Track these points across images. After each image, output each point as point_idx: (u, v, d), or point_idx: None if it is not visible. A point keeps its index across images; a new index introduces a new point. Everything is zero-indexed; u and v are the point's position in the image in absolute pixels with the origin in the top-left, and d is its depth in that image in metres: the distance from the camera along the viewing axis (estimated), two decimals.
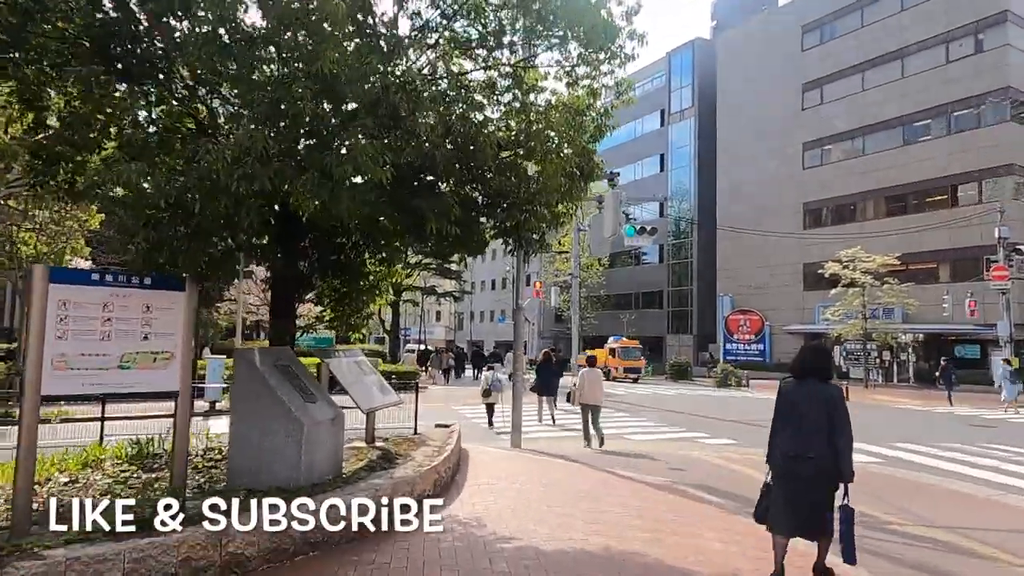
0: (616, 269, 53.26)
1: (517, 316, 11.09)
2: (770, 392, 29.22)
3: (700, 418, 16.92)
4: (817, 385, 4.55)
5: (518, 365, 11.07)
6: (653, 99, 54.29)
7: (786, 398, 4.65)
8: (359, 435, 8.86)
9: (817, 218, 39.61)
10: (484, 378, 15.18)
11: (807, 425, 4.43)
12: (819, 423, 4.41)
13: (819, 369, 4.64)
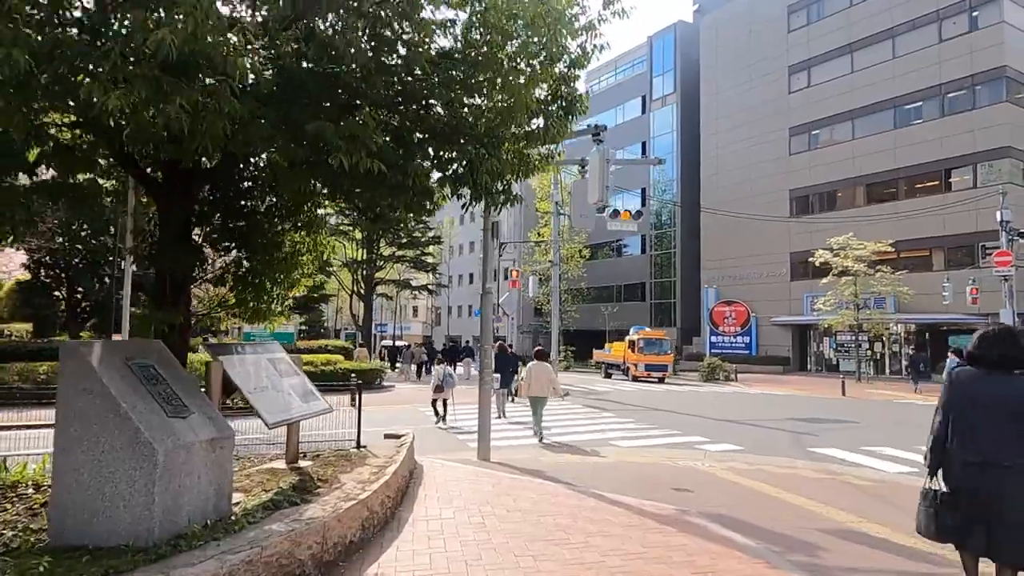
0: (597, 261, 51.61)
1: (485, 303, 9.25)
2: (761, 386, 27.96)
3: (694, 418, 15.21)
4: (1008, 377, 3.71)
5: (486, 360, 9.21)
6: (634, 85, 52.72)
7: (964, 392, 3.82)
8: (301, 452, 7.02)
9: (805, 205, 38.23)
10: (435, 373, 14.22)
11: (996, 426, 3.64)
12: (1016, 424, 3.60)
13: (1013, 359, 3.73)
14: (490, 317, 9.42)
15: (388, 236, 43.88)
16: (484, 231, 9.37)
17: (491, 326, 9.30)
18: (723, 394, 23.30)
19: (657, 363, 29.25)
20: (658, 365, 29.29)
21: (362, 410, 10.50)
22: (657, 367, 29.22)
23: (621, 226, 21.43)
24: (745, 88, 41.75)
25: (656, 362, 29.27)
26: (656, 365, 29.22)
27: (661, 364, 29.42)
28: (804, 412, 16.82)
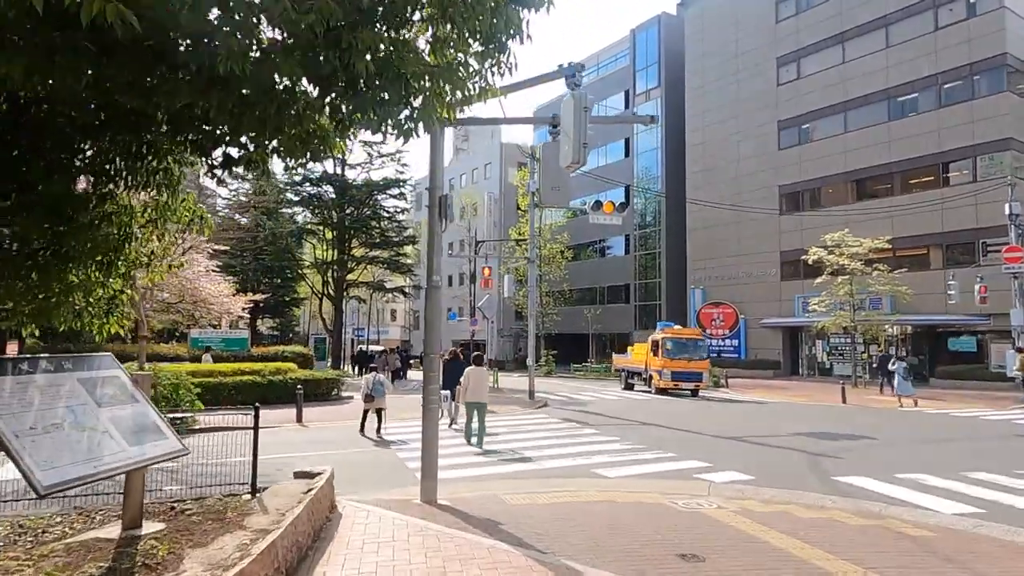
0: (580, 262, 49.79)
1: (429, 297, 7.23)
2: (753, 392, 25.91)
3: (688, 435, 13.25)
4: None
5: (431, 372, 7.17)
6: (617, 80, 50.98)
7: None
8: None
9: (795, 202, 36.61)
10: (365, 381, 13.46)
11: None
12: None
13: None
14: (437, 317, 7.37)
15: (360, 236, 41.80)
16: (430, 208, 7.34)
17: (438, 328, 7.25)
18: (715, 403, 21.40)
19: (688, 370, 23.38)
20: (690, 373, 23.37)
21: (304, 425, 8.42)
22: (688, 376, 23.37)
23: (605, 219, 19.59)
24: (732, 81, 40.14)
25: (687, 369, 23.39)
26: (687, 373, 23.33)
27: (694, 372, 23.47)
28: (811, 425, 14.93)
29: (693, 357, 23.76)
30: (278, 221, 42.15)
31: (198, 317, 33.16)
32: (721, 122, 40.60)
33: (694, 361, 23.74)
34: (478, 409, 11.38)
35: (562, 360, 43.80)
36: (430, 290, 7.32)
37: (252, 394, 17.72)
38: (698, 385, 23.57)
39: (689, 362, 23.53)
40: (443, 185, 7.41)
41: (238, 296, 33.23)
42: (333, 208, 40.89)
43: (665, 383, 23.32)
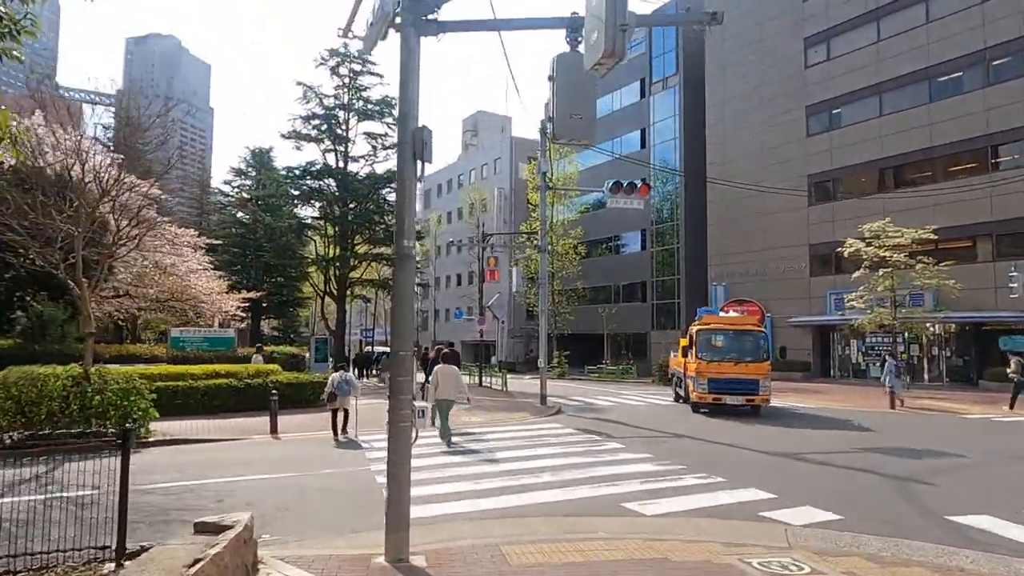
0: (594, 259, 47.58)
1: (400, 268, 5.13)
2: (787, 396, 21.50)
3: (732, 451, 11.05)
4: None
5: (401, 376, 5.05)
6: (632, 68, 48.63)
7: None
8: None
9: (825, 192, 34.18)
10: (330, 380, 12.94)
11: None
12: None
13: None
14: (409, 302, 5.24)
15: (363, 231, 39.84)
16: (400, 146, 5.23)
17: (410, 316, 5.11)
18: None
19: (736, 377, 16.30)
20: (738, 382, 16.28)
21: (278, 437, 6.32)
22: (737, 385, 16.27)
23: (626, 203, 17.39)
24: (755, 65, 37.76)
25: (735, 375, 16.33)
26: (734, 382, 16.26)
27: (744, 380, 16.32)
28: (872, 438, 12.66)
29: (744, 358, 16.61)
30: (278, 216, 40.25)
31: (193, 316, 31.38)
32: (744, 109, 38.24)
33: (745, 363, 16.54)
34: (446, 407, 11.52)
35: (575, 362, 41.58)
36: (400, 261, 5.20)
37: (227, 400, 15.73)
38: (759, 399, 16.39)
39: (737, 364, 16.42)
40: (418, 115, 5.28)
41: (231, 294, 31.45)
42: (335, 203, 38.99)
43: (701, 395, 16.46)
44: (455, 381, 11.77)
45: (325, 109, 38.22)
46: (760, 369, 16.75)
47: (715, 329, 17.69)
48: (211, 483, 8.26)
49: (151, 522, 6.43)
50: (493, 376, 29.88)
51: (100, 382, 11.68)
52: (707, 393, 16.47)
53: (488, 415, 16.57)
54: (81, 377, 11.58)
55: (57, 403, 11.27)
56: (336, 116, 38.39)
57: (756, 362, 16.79)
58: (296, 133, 38.13)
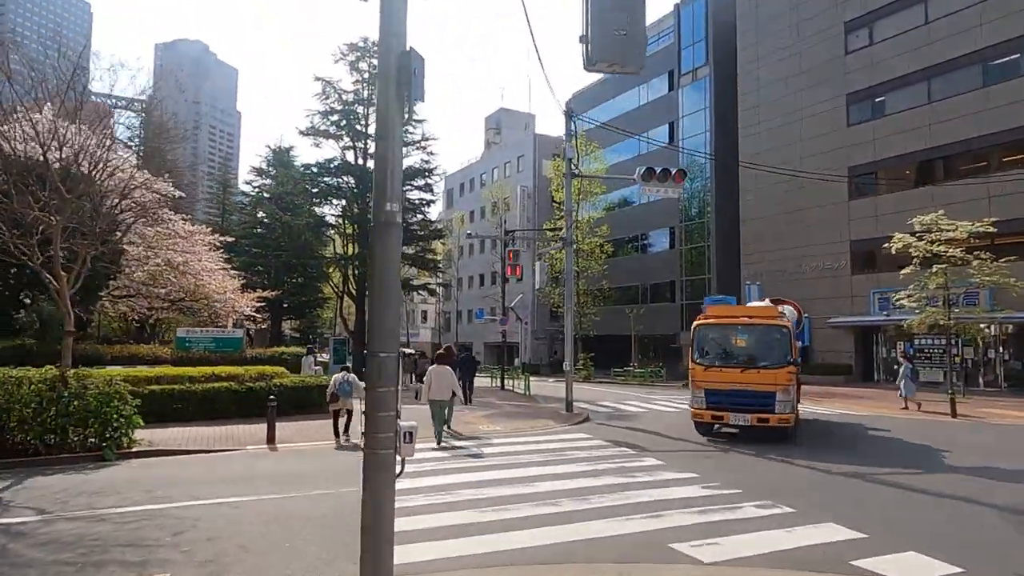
0: (620, 258, 45.97)
1: (378, 239, 3.78)
2: (832, 403, 19.28)
3: (794, 469, 9.55)
4: None
5: (379, 381, 3.70)
6: (660, 60, 46.95)
7: None
8: None
9: (868, 185, 32.18)
10: (332, 381, 12.68)
11: None
12: None
13: None
14: (391, 285, 3.88)
15: None
16: (380, 77, 3.90)
17: (395, 302, 3.76)
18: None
19: (747, 388, 12.19)
20: (750, 394, 12.13)
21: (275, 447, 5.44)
22: (748, 399, 12.11)
23: (659, 191, 15.95)
24: (791, 53, 35.87)
25: (745, 385, 12.21)
26: (745, 394, 12.15)
27: (758, 392, 12.06)
28: (953, 453, 11.01)
29: (756, 362, 12.37)
30: (296, 215, 39.42)
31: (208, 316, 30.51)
32: (779, 99, 36.37)
33: (756, 370, 12.17)
34: (441, 406, 12.05)
35: (601, 364, 40.05)
36: (381, 231, 3.87)
37: (226, 405, 14.57)
38: (767, 418, 11.86)
39: (745, 371, 12.20)
40: (405, 36, 3.93)
41: (246, 293, 30.55)
42: (354, 200, 38.01)
43: (698, 411, 12.59)
44: (449, 381, 12.31)
45: (344, 104, 37.30)
46: (777, 377, 11.86)
47: (718, 324, 13.21)
48: (177, 508, 7.02)
49: (83, 564, 5.17)
50: (516, 379, 28.49)
51: (78, 386, 10.57)
52: (704, 408, 12.41)
53: (509, 422, 15.21)
54: (57, 380, 10.48)
55: (32, 409, 10.19)
56: (355, 112, 37.44)
57: (771, 367, 12.04)
58: (314, 129, 37.26)
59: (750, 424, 11.92)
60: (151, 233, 26.51)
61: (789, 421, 11.97)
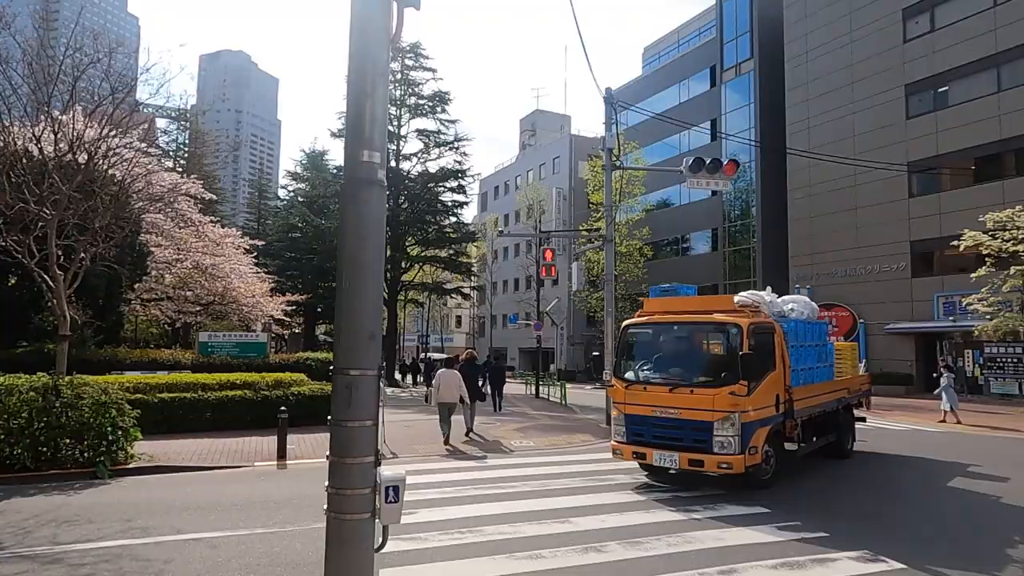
0: (659, 262, 44.26)
1: (354, 201, 2.53)
2: (896, 417, 15.35)
3: (876, 498, 8.04)
4: None
5: (350, 411, 2.44)
6: (700, 56, 45.33)
7: None
8: None
9: (930, 181, 30.00)
10: None
11: None
12: None
13: None
14: (370, 277, 2.63)
15: (415, 232, 37.99)
16: None
17: (373, 289, 2.50)
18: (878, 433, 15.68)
19: (680, 416, 8.33)
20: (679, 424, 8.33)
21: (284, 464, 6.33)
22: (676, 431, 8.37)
23: (708, 183, 14.55)
24: (844, 43, 33.85)
25: (678, 412, 8.36)
26: (676, 424, 8.35)
27: (693, 422, 8.21)
28: None
29: (690, 376, 8.77)
30: (327, 217, 38.86)
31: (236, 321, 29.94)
32: (829, 93, 34.34)
33: (688, 389, 8.45)
34: (449, 408, 12.59)
35: None
36: (352, 189, 2.64)
37: (241, 414, 13.61)
38: (699, 459, 8.09)
39: (674, 390, 8.50)
40: None
41: (275, 296, 29.94)
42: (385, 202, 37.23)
43: (618, 444, 8.97)
44: (456, 383, 12.61)
45: None
46: (716, 401, 8.02)
47: (651, 323, 9.53)
48: (149, 545, 5.93)
49: None
50: (551, 386, 27.15)
51: (72, 395, 9.66)
52: (624, 441, 8.79)
53: (542, 436, 13.93)
54: (48, 389, 9.58)
55: (22, 420, 9.31)
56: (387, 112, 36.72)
57: (709, 385, 8.28)
58: None
59: (679, 468, 8.27)
60: (180, 235, 26.09)
61: (735, 467, 7.80)
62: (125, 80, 11.97)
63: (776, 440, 8.67)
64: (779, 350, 8.75)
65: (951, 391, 17.90)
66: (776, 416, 8.53)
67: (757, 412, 8.13)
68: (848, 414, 11.65)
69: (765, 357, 8.49)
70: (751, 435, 8.00)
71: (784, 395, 8.69)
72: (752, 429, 8.02)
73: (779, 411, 8.59)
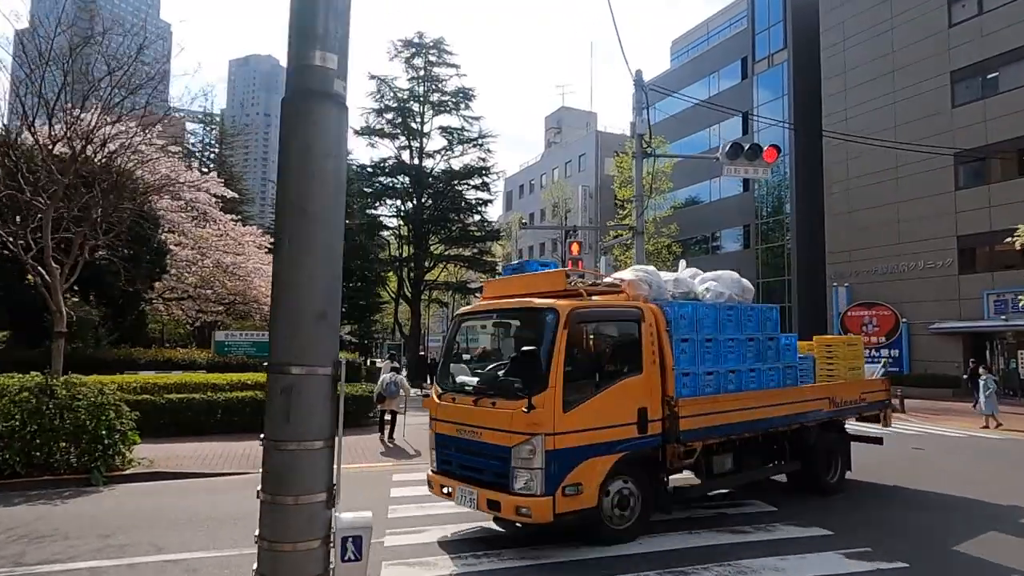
0: (688, 259, 42.67)
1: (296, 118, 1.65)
2: (947, 421, 13.40)
3: (960, 514, 7.04)
4: None
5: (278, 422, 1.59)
6: (731, 47, 43.96)
7: None
8: None
9: (978, 172, 28.44)
10: (380, 381, 13.00)
11: None
12: None
13: None
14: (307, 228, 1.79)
15: (438, 231, 37.38)
16: None
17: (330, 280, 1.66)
18: (908, 437, 14.54)
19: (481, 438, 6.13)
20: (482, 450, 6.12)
21: None
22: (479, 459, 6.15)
23: (746, 171, 13.57)
24: (883, 29, 32.35)
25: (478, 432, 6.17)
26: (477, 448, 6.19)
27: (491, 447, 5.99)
28: None
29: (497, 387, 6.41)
30: (350, 216, 38.44)
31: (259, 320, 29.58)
32: (868, 82, 32.84)
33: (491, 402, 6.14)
34: None
35: None
36: (298, 101, 1.78)
37: (249, 416, 12.97)
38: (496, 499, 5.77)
39: (478, 405, 6.25)
40: None
41: None
42: (408, 200, 36.75)
43: (432, 475, 6.74)
44: None
45: (399, 102, 36.12)
46: (513, 419, 5.76)
47: (475, 313, 7.61)
48: (124, 567, 5.23)
49: None
50: None
51: (67, 396, 9.06)
52: (436, 471, 6.71)
53: None
54: (42, 389, 9.00)
55: (15, 422, 8.74)
56: (410, 109, 36.22)
57: (513, 396, 5.95)
58: (369, 128, 36.22)
59: (477, 507, 6.01)
60: (201, 234, 25.80)
61: (534, 514, 5.51)
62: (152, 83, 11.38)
63: (647, 473, 6.27)
64: (649, 345, 6.40)
65: (992, 394, 17.22)
66: (638, 439, 6.14)
67: (585, 434, 5.76)
68: (836, 433, 8.69)
69: (608, 353, 6.48)
70: (570, 467, 5.62)
71: (659, 408, 6.33)
72: (573, 459, 5.65)
73: (646, 432, 6.20)
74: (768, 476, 8.18)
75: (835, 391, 8.47)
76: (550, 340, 5.82)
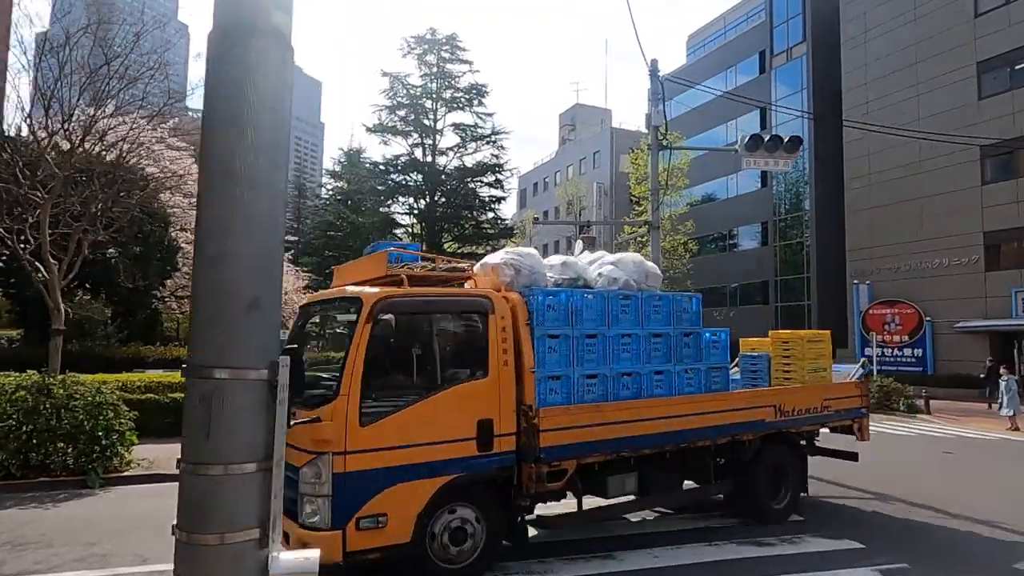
0: (703, 257, 42.30)
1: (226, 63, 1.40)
2: (977, 423, 12.48)
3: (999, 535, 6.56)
4: None
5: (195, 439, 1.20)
6: (748, 42, 43.19)
7: None
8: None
9: (1006, 166, 27.60)
10: None
11: None
12: None
13: None
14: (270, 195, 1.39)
15: (451, 229, 37.13)
16: None
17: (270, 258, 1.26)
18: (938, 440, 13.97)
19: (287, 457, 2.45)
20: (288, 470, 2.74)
21: None
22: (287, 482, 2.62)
23: (770, 163, 13.09)
24: (907, 20, 31.53)
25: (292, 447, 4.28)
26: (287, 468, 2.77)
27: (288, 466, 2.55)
28: None
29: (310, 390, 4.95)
30: (363, 214, 38.32)
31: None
32: (890, 75, 32.03)
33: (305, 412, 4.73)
34: None
35: None
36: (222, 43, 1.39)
37: None
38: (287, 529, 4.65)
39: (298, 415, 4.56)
40: None
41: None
42: (421, 197, 36.49)
43: None
44: None
45: (411, 99, 35.85)
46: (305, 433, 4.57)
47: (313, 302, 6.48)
48: None
49: None
50: None
51: (63, 396, 8.82)
52: None
53: None
54: (39, 389, 8.76)
55: (12, 422, 8.51)
56: (423, 106, 35.94)
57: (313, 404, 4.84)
58: (382, 126, 35.97)
59: None
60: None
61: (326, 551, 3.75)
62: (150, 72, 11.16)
63: (495, 500, 5.21)
64: (499, 343, 5.30)
65: (1014, 395, 16.80)
66: (478, 458, 5.05)
67: (392, 453, 4.70)
68: (786, 448, 7.23)
69: (441, 354, 5.16)
70: (369, 494, 4.59)
71: (511, 420, 5.24)
72: (373, 484, 4.62)
73: (490, 449, 5.10)
74: (689, 500, 7.01)
75: (783, 397, 7.02)
76: (348, 337, 4.81)
